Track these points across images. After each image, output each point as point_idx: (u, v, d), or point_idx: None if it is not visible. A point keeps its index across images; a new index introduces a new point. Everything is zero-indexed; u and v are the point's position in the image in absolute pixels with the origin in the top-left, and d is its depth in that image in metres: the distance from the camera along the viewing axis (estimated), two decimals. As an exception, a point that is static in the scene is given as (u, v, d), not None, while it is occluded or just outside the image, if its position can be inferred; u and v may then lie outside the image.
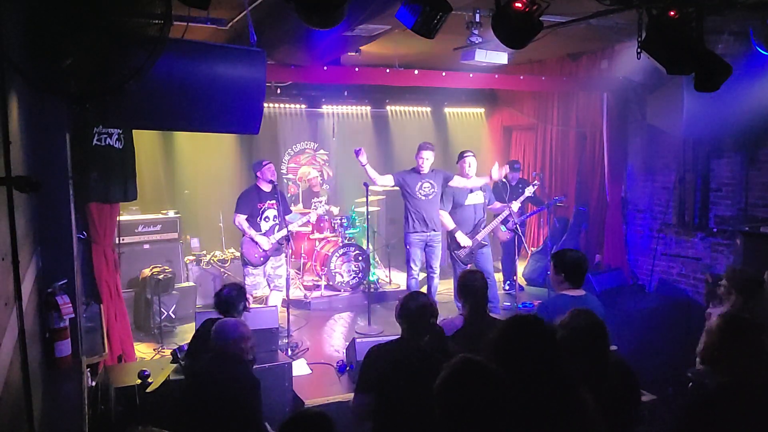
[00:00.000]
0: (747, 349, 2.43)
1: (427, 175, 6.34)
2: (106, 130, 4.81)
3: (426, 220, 6.34)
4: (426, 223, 6.35)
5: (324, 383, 5.06)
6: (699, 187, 6.56)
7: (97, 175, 4.75)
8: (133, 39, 2.38)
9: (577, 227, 7.95)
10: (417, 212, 6.34)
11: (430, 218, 6.35)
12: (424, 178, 6.33)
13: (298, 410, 2.67)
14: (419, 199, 6.32)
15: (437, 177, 6.39)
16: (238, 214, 6.12)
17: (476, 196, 6.63)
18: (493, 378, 1.82)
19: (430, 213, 6.34)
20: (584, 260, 3.73)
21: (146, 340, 6.26)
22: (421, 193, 6.32)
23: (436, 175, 6.40)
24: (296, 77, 6.74)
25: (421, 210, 6.33)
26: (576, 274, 3.65)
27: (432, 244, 6.42)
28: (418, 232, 6.37)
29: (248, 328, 3.65)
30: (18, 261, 2.21)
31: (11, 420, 2.07)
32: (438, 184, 6.37)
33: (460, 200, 6.55)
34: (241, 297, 4.23)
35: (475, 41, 5.19)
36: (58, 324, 3.32)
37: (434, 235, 6.41)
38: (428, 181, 6.33)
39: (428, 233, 6.38)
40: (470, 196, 6.60)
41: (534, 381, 2.03)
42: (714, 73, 3.99)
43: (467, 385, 1.80)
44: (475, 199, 6.63)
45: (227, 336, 3.54)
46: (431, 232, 6.39)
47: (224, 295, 4.20)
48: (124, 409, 4.15)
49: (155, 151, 8.07)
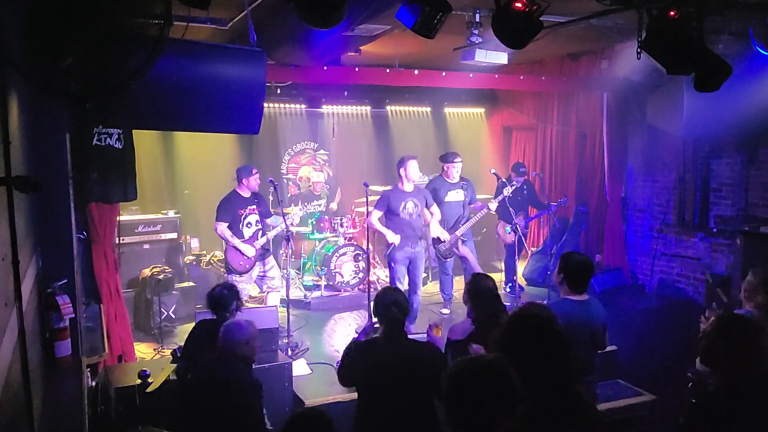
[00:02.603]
0: (747, 348, 2.43)
1: (411, 194, 6.17)
2: (106, 130, 4.80)
3: (410, 238, 6.16)
4: (410, 240, 6.17)
5: (324, 383, 5.06)
6: (699, 187, 6.57)
7: (97, 175, 4.74)
8: (133, 39, 2.38)
9: (577, 227, 7.95)
10: (402, 231, 6.12)
11: (414, 235, 6.18)
12: (408, 197, 6.14)
13: (297, 410, 2.67)
14: (403, 218, 6.13)
15: (420, 196, 6.24)
16: (219, 222, 5.99)
17: (456, 193, 6.68)
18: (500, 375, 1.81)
19: (415, 230, 6.18)
20: (587, 265, 3.60)
21: (146, 340, 6.26)
22: (405, 212, 6.13)
23: (419, 193, 6.26)
24: (296, 77, 6.74)
25: (406, 229, 6.13)
26: (576, 278, 3.56)
27: (416, 260, 6.26)
28: (402, 249, 6.17)
29: (256, 329, 3.64)
30: (18, 261, 2.22)
31: (11, 420, 2.07)
32: (421, 203, 6.22)
33: (440, 197, 6.57)
34: (233, 297, 4.20)
35: (475, 41, 5.19)
36: (58, 324, 3.33)
37: (418, 251, 6.24)
38: (412, 200, 6.16)
39: (413, 249, 6.20)
40: (450, 194, 6.66)
41: (537, 374, 2.04)
42: (714, 73, 3.99)
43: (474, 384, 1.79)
44: (456, 197, 6.68)
45: (239, 338, 3.53)
46: (415, 246, 6.22)
47: (215, 294, 4.18)
48: (124, 409, 4.15)
49: (155, 151, 8.07)
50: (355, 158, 9.64)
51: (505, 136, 9.92)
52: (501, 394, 1.76)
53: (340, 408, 4.43)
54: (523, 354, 2.07)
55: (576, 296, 3.57)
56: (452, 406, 1.81)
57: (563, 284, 3.59)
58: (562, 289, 3.63)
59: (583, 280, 3.58)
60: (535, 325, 2.20)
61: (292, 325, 6.17)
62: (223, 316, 4.07)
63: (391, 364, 3.25)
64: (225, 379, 3.48)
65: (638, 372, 5.31)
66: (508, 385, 1.78)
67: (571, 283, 3.57)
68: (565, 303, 3.59)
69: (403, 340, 3.38)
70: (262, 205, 6.25)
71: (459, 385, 1.80)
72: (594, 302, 3.65)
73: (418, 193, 6.28)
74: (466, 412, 1.78)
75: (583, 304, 3.56)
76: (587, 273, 3.59)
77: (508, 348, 2.12)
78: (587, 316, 3.54)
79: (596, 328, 3.57)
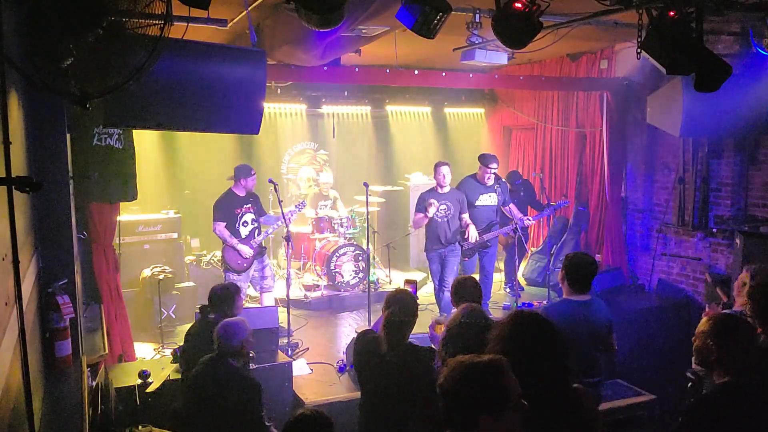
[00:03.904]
0: (740, 348, 2.43)
1: (444, 196, 6.34)
2: (106, 130, 4.81)
3: (441, 239, 6.37)
4: (441, 241, 6.37)
5: (324, 383, 5.07)
6: (699, 187, 6.56)
7: (97, 175, 4.75)
8: (133, 39, 2.38)
9: (576, 227, 7.95)
10: (433, 232, 6.38)
11: (445, 236, 6.37)
12: (442, 200, 6.31)
13: (299, 411, 2.67)
14: (436, 220, 6.33)
15: (453, 198, 6.38)
16: (217, 222, 6.06)
17: (489, 197, 6.63)
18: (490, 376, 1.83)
19: (446, 232, 6.35)
20: (588, 266, 3.60)
21: (146, 340, 6.26)
22: (438, 215, 6.31)
23: (452, 195, 6.39)
24: (296, 77, 6.74)
25: (438, 230, 6.35)
26: (577, 278, 3.55)
27: (448, 257, 6.42)
28: (434, 250, 6.43)
29: (249, 330, 3.65)
30: (18, 261, 2.21)
31: (11, 420, 2.07)
32: (454, 206, 6.36)
33: (471, 200, 6.55)
34: (232, 296, 4.21)
35: (475, 41, 5.19)
36: (58, 324, 3.33)
37: (450, 249, 6.41)
38: (445, 202, 6.32)
39: (444, 248, 6.39)
40: (482, 197, 6.60)
41: (535, 373, 2.05)
42: (714, 73, 3.99)
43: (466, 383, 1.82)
44: (488, 201, 6.63)
45: (235, 337, 3.54)
46: (447, 247, 6.39)
47: (216, 293, 4.19)
48: (124, 409, 4.16)
49: (155, 151, 8.07)
50: (355, 158, 9.65)
51: (505, 136, 9.92)
52: (487, 393, 1.80)
53: (340, 408, 4.43)
54: (520, 354, 2.08)
55: (577, 297, 3.57)
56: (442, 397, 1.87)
57: (565, 284, 3.60)
58: (564, 290, 3.63)
59: (584, 280, 3.57)
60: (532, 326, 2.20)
61: (292, 325, 6.18)
62: (222, 315, 4.07)
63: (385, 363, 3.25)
64: (224, 378, 3.49)
65: (638, 372, 5.32)
66: (496, 386, 1.81)
67: (572, 283, 3.57)
68: (564, 304, 3.60)
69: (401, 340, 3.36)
70: (256, 204, 6.29)
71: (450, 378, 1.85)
72: (597, 303, 3.64)
73: (452, 196, 6.40)
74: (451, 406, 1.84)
75: (584, 305, 3.55)
76: (588, 273, 3.58)
77: (505, 348, 2.13)
78: (587, 317, 3.53)
79: (598, 329, 3.56)
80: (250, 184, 6.18)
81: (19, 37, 2.66)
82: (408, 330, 3.37)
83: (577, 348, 3.47)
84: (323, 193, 8.41)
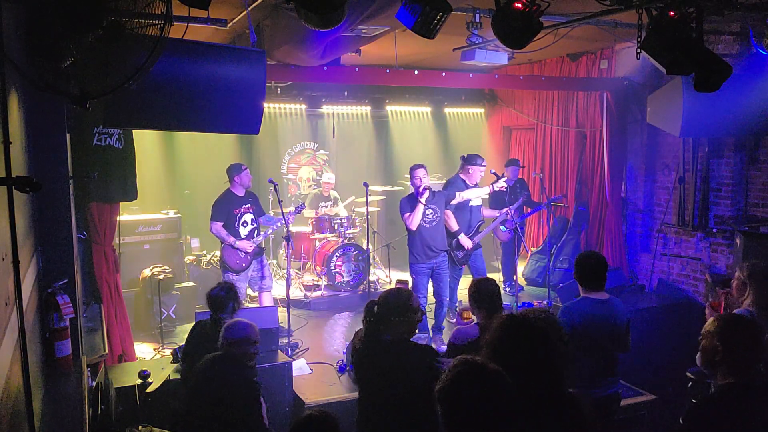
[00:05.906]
0: (746, 349, 2.43)
1: (429, 201, 5.87)
2: (106, 130, 4.81)
3: (431, 248, 5.92)
4: (431, 250, 5.93)
5: (324, 383, 5.07)
6: (699, 187, 6.56)
7: (97, 175, 4.75)
8: (133, 39, 2.38)
9: (576, 227, 7.96)
10: (422, 240, 5.89)
11: (434, 244, 5.94)
12: (426, 205, 5.86)
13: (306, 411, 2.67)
14: (423, 228, 5.88)
15: (439, 201, 5.99)
16: (214, 222, 6.03)
17: (478, 198, 6.64)
18: (493, 378, 1.83)
19: (434, 239, 5.94)
20: (599, 264, 3.63)
21: (146, 340, 6.26)
22: (424, 220, 5.90)
23: (438, 198, 5.99)
24: (296, 77, 6.74)
25: (426, 237, 5.89)
26: (590, 277, 3.61)
27: (439, 270, 6.04)
28: (423, 262, 5.94)
29: (256, 331, 3.63)
30: (18, 261, 2.22)
31: (11, 420, 2.07)
32: (440, 208, 5.99)
33: (465, 202, 6.40)
34: (231, 297, 4.21)
35: (475, 41, 5.19)
36: (59, 324, 3.32)
37: (441, 260, 6.03)
38: (430, 207, 5.90)
39: (434, 260, 5.97)
40: (474, 199, 6.56)
41: (528, 378, 2.04)
42: (714, 73, 3.98)
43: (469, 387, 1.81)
44: (476, 201, 6.63)
45: (239, 337, 3.54)
46: (438, 257, 6.00)
47: (212, 295, 4.19)
48: (124, 409, 4.15)
49: (155, 151, 8.08)
50: (355, 158, 9.65)
51: (505, 136, 9.93)
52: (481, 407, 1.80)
53: (340, 408, 4.43)
54: (514, 359, 2.07)
55: (595, 294, 3.60)
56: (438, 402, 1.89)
57: (580, 284, 3.66)
58: (581, 289, 3.67)
59: (597, 278, 3.62)
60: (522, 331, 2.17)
61: (292, 325, 6.18)
62: (222, 316, 4.07)
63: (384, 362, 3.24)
64: (225, 378, 3.48)
65: (638, 372, 5.30)
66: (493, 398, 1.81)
67: (586, 282, 3.63)
68: (586, 302, 3.61)
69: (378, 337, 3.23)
70: (255, 204, 6.29)
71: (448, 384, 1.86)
72: (615, 301, 3.67)
73: (437, 199, 5.98)
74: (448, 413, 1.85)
75: (604, 303, 3.59)
76: (599, 271, 3.63)
77: (497, 353, 2.12)
78: (608, 315, 3.56)
79: (618, 327, 3.59)
80: (245, 180, 6.15)
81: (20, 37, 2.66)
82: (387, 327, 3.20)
83: (597, 347, 3.51)
84: (324, 194, 8.41)
